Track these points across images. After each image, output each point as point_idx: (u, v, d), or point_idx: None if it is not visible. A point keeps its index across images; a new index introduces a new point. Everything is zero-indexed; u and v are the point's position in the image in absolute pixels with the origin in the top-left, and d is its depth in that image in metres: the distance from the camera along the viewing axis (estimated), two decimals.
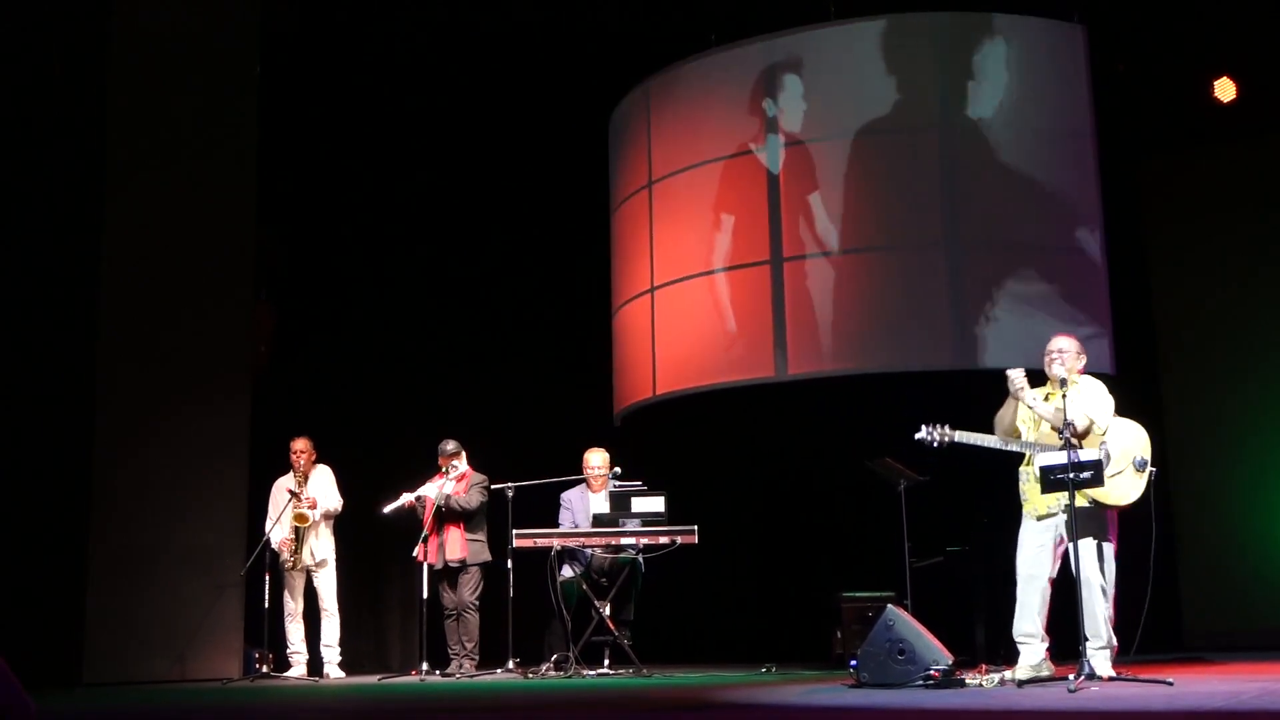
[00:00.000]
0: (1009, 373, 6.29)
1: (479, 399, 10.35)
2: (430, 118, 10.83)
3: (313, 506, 8.60)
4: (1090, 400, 6.25)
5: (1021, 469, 6.41)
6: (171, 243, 8.77)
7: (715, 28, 10.42)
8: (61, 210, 8.57)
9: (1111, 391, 6.41)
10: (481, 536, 8.52)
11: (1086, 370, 6.52)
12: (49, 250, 8.49)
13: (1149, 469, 6.20)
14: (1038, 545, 6.31)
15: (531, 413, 10.61)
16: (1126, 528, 6.31)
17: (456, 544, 8.43)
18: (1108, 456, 6.13)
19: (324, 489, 8.76)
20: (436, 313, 10.66)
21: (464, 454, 8.66)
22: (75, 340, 8.46)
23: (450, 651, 8.51)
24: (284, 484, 8.77)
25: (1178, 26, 9.93)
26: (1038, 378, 6.42)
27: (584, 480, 8.77)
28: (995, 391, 6.53)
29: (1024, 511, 6.40)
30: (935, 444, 6.28)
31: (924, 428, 6.29)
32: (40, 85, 8.62)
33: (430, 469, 8.68)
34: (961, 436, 6.27)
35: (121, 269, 8.59)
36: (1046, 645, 6.32)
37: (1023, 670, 6.22)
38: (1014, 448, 6.27)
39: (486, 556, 8.52)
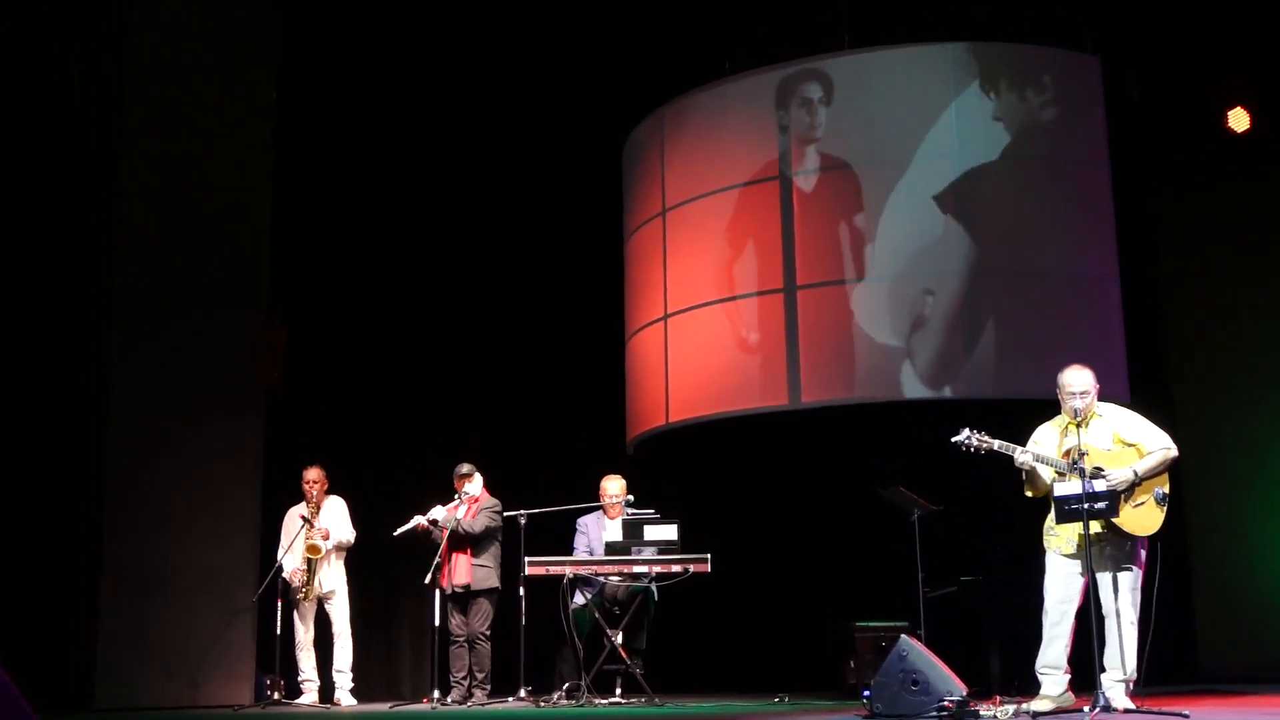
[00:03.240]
0: (1018, 461, 6.27)
1: (492, 424, 10.36)
2: (446, 142, 10.86)
3: (325, 537, 8.60)
4: (1146, 429, 6.28)
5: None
6: (185, 263, 8.78)
7: (729, 55, 10.47)
8: (75, 230, 8.59)
9: None
10: (489, 562, 8.48)
11: (1099, 396, 6.50)
12: (62, 271, 8.50)
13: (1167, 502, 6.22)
14: (1067, 576, 6.28)
15: (545, 439, 10.60)
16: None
17: (463, 569, 8.39)
18: (1133, 488, 6.14)
19: (337, 520, 8.76)
20: (451, 337, 10.68)
21: (478, 477, 8.63)
22: (88, 361, 8.47)
23: (452, 679, 8.46)
24: (296, 512, 8.77)
25: (1192, 57, 9.96)
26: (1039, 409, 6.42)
27: (601, 507, 8.76)
28: (1009, 420, 6.53)
29: (1049, 545, 6.37)
30: (972, 449, 6.26)
31: (964, 431, 6.27)
32: (55, 103, 8.65)
33: (444, 494, 8.67)
34: (1001, 446, 6.25)
35: (134, 289, 8.59)
36: (1069, 678, 6.30)
37: (1043, 702, 6.20)
38: (1051, 464, 6.24)
39: (494, 583, 8.47)
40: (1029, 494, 6.41)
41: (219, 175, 9.00)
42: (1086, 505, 5.89)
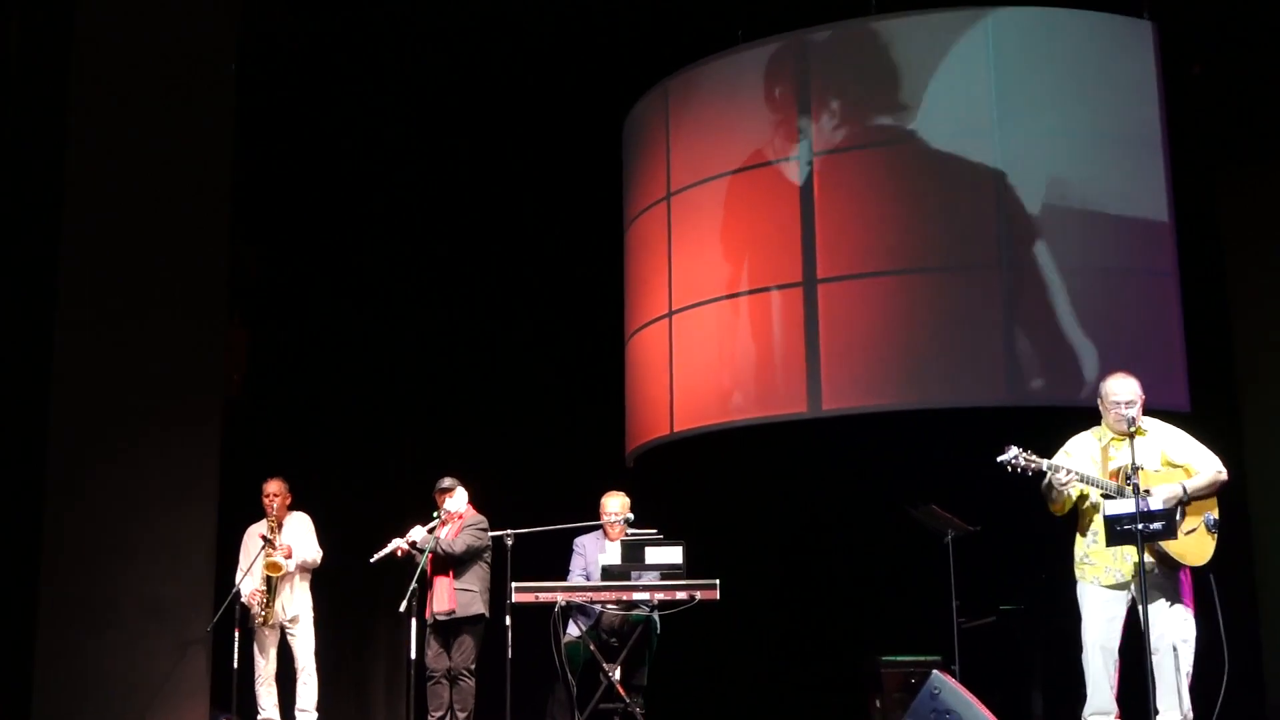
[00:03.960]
0: (1054, 478, 6.21)
1: (476, 436, 10.33)
2: (425, 123, 10.83)
3: (288, 555, 8.56)
4: (1196, 449, 6.22)
5: (1086, 529, 6.34)
6: (136, 260, 8.73)
7: (742, 22, 10.40)
8: (14, 223, 8.56)
9: (1185, 430, 6.37)
10: (474, 586, 8.44)
11: (1157, 407, 6.47)
12: None
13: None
14: (1108, 616, 6.22)
15: (535, 452, 10.58)
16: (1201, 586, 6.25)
17: (445, 595, 8.36)
18: (1182, 513, 6.10)
19: (301, 538, 8.71)
20: (431, 338, 10.65)
21: (461, 492, 8.59)
22: (27, 367, 8.44)
23: (430, 719, 8.40)
24: (256, 530, 8.74)
25: (1259, 23, 9.87)
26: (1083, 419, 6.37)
27: (601, 526, 8.71)
28: (1052, 429, 6.47)
29: (1083, 576, 6.32)
30: (1019, 470, 6.21)
31: (1011, 450, 6.21)
32: None
33: (424, 511, 8.62)
34: (1049, 466, 6.20)
35: (80, 288, 8.55)
36: None
37: None
38: (1099, 486, 6.19)
39: (478, 609, 8.42)
40: (1054, 512, 6.41)
41: (173, 163, 8.95)
42: (1140, 526, 5.84)
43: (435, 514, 8.47)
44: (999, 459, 6.24)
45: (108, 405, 8.55)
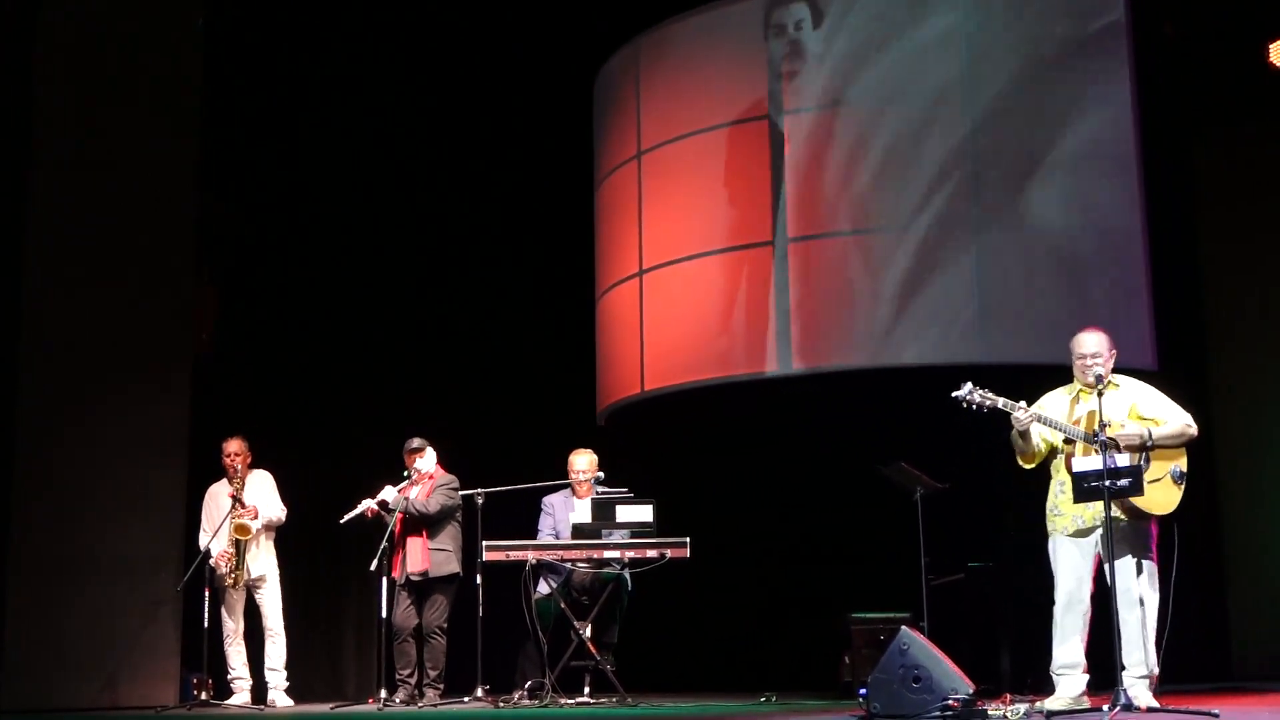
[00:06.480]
0: (1012, 417, 6.24)
1: (447, 394, 10.32)
2: (396, 80, 10.76)
3: (254, 517, 8.54)
4: (1166, 403, 6.27)
5: (1054, 480, 6.40)
6: (104, 215, 8.72)
7: None
8: None
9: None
10: (447, 545, 8.46)
11: (1124, 366, 6.50)
12: None
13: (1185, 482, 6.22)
14: (1075, 566, 6.28)
15: (506, 410, 10.58)
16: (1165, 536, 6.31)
17: (417, 555, 8.37)
18: (1147, 459, 6.14)
19: (264, 496, 8.69)
20: (401, 298, 10.61)
21: (431, 452, 8.59)
22: None
23: (398, 676, 8.44)
24: (219, 491, 8.71)
25: None
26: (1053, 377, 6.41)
27: (569, 485, 8.72)
28: (1023, 387, 6.51)
29: (1054, 528, 6.37)
30: (973, 406, 6.24)
31: (966, 385, 6.24)
32: None
33: (393, 471, 8.62)
34: (1005, 404, 6.23)
35: (47, 243, 8.53)
36: (1088, 677, 6.30)
37: (1058, 701, 6.20)
38: (1061, 429, 6.23)
39: (453, 568, 8.45)
40: (1023, 464, 6.43)
41: (140, 112, 8.92)
42: (1108, 482, 5.87)
43: (405, 474, 8.47)
44: (954, 394, 6.27)
45: (77, 363, 8.55)
